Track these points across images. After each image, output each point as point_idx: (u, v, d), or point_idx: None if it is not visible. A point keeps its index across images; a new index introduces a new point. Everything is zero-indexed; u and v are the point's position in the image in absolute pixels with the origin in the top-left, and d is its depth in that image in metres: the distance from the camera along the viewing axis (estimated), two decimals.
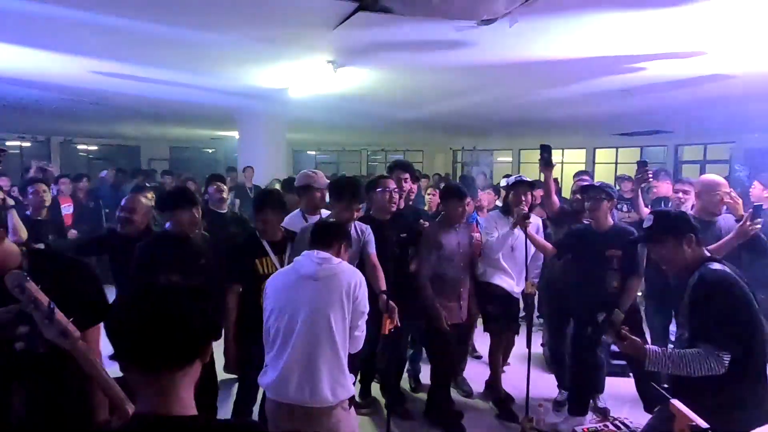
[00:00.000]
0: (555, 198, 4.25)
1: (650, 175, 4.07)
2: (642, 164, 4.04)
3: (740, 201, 3.56)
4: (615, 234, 3.58)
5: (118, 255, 3.44)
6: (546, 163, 3.99)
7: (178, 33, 4.21)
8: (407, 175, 4.21)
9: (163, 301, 1.04)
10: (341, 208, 3.33)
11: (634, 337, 2.25)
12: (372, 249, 3.47)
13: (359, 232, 3.45)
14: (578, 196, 4.25)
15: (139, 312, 1.02)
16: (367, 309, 2.47)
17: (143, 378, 1.03)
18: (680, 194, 4.20)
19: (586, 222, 3.94)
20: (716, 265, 2.22)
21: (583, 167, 12.04)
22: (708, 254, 2.32)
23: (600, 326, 3.53)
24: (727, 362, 2.05)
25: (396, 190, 3.74)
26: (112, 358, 1.07)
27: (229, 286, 3.09)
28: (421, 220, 4.02)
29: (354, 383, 2.50)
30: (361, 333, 2.46)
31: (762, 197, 4.25)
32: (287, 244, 3.23)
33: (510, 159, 17.63)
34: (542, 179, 4.28)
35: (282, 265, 3.04)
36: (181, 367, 1.04)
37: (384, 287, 3.17)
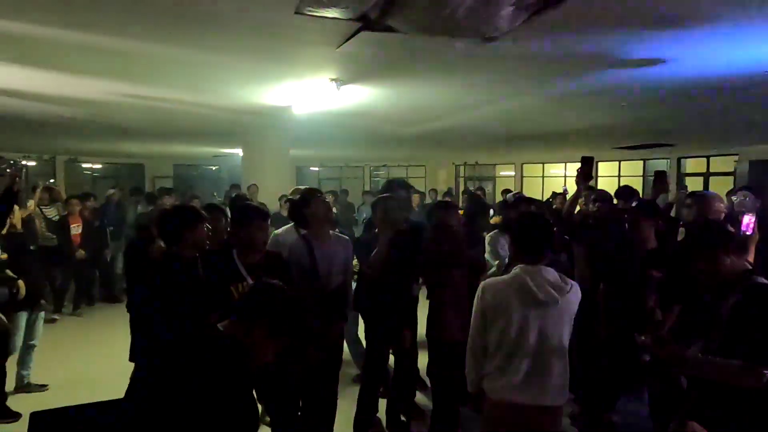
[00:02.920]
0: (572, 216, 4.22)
1: (669, 185, 4.06)
2: (661, 174, 4.01)
3: None
4: (657, 254, 3.45)
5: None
6: (586, 177, 3.77)
7: (185, 54, 4.27)
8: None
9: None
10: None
11: (672, 342, 2.18)
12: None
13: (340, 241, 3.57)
14: (599, 204, 4.23)
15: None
16: None
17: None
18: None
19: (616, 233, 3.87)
20: (763, 280, 2.17)
21: None
22: (749, 266, 2.25)
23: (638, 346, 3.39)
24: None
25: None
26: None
27: None
28: None
29: None
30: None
31: None
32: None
33: (513, 173, 17.67)
34: (572, 193, 4.08)
35: None
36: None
37: None
